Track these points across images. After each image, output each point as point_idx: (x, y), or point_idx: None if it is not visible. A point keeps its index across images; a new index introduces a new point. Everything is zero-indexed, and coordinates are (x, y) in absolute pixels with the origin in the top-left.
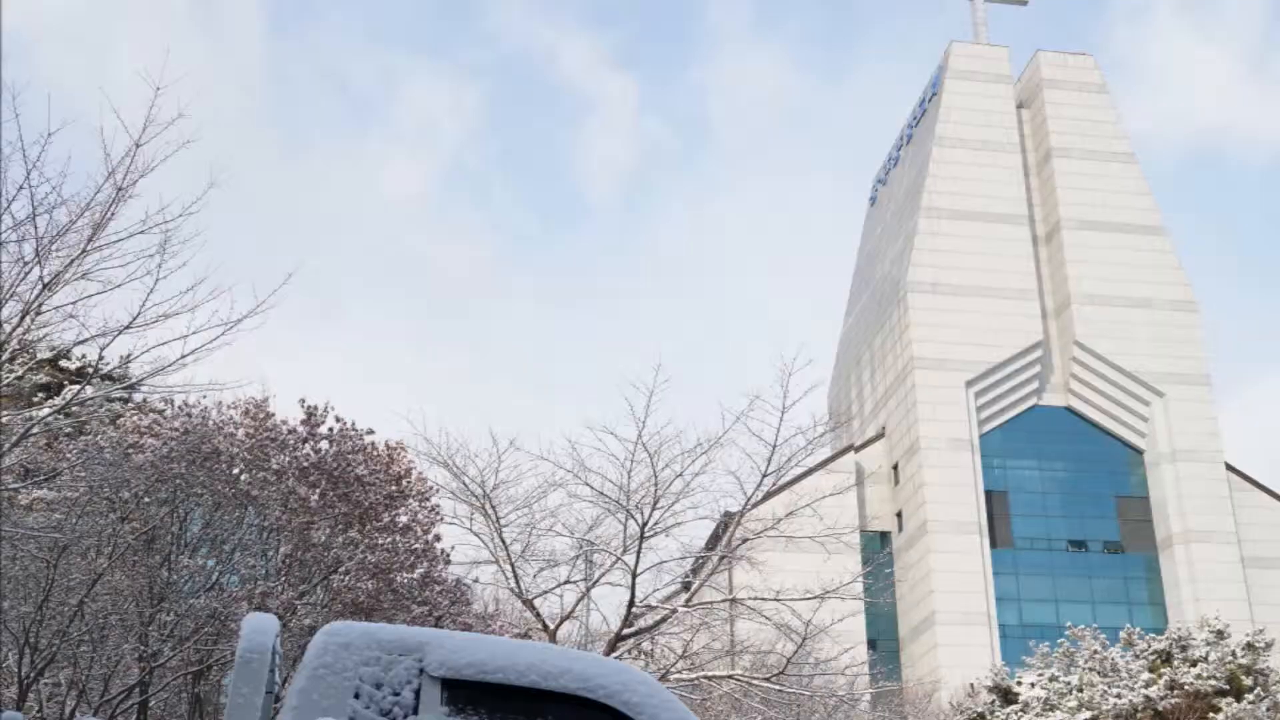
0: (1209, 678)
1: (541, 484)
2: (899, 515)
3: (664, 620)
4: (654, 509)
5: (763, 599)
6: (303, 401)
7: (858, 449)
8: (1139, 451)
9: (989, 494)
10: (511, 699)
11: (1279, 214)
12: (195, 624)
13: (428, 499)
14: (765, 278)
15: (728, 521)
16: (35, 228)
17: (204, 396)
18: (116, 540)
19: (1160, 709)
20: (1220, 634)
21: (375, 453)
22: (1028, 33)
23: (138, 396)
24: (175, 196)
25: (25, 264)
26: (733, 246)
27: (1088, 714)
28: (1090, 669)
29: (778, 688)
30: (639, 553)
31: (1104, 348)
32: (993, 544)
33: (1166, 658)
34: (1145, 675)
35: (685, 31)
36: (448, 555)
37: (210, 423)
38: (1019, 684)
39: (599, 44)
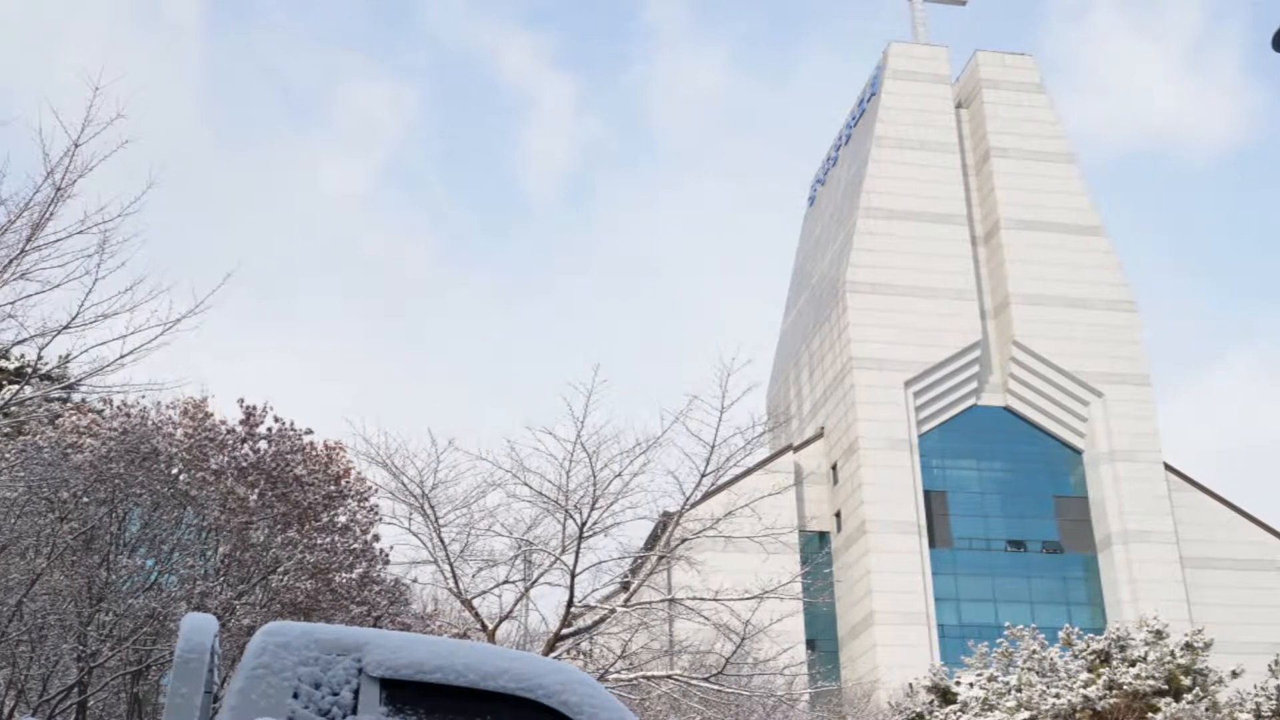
0: (1148, 678)
1: (480, 484)
2: (838, 515)
3: (603, 620)
4: (592, 509)
5: (701, 599)
6: (241, 401)
7: (796, 449)
8: (1078, 451)
9: (928, 494)
10: (450, 699)
11: (1218, 213)
12: (134, 624)
13: (366, 499)
14: (706, 277)
15: (666, 521)
16: None
17: (143, 396)
18: (55, 540)
19: (1099, 709)
20: (1159, 634)
21: (314, 453)
22: (967, 33)
23: (76, 396)
24: (114, 196)
25: None
26: (674, 246)
27: (1026, 714)
28: (1029, 669)
29: (716, 687)
30: (577, 553)
31: (1043, 348)
32: (931, 544)
33: (1105, 658)
34: (1084, 675)
35: (624, 31)
36: (386, 555)
37: (149, 423)
38: (958, 684)
39: (537, 43)
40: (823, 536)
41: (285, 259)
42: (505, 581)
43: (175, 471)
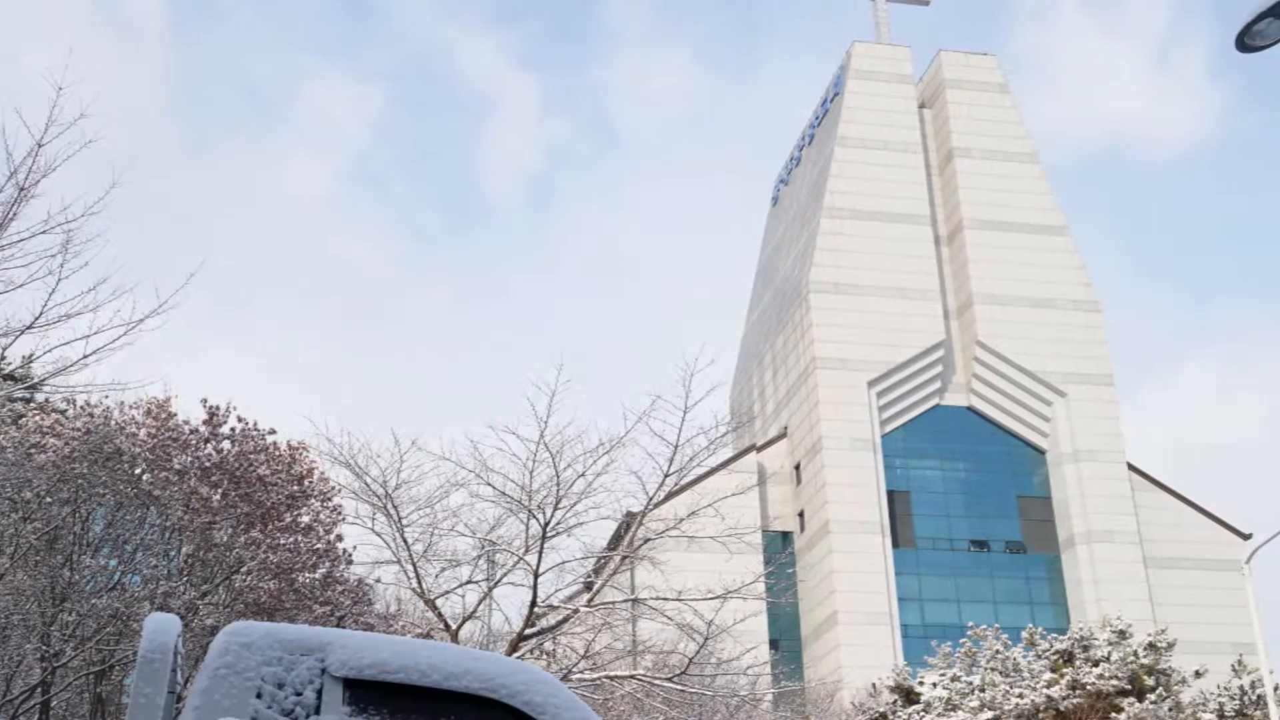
0: (1111, 678)
1: (443, 484)
2: (801, 515)
3: (566, 620)
4: (556, 509)
5: (665, 599)
6: (205, 401)
7: (760, 449)
8: (1041, 451)
9: (891, 494)
10: (414, 699)
11: (1181, 213)
12: (97, 624)
13: (330, 499)
14: (670, 277)
15: (630, 521)
16: None
17: (106, 396)
18: (18, 540)
19: (1062, 709)
20: (1122, 634)
21: (277, 453)
22: (930, 33)
23: (40, 396)
24: (78, 196)
25: None
26: (637, 246)
27: (990, 714)
28: (992, 669)
29: (680, 688)
30: (541, 553)
31: (1006, 347)
32: (895, 544)
33: (1069, 658)
34: (1047, 675)
35: (587, 32)
36: (350, 555)
37: (112, 423)
38: (921, 684)
39: (501, 44)
40: (786, 536)
41: (250, 259)
42: (468, 581)
43: (138, 471)
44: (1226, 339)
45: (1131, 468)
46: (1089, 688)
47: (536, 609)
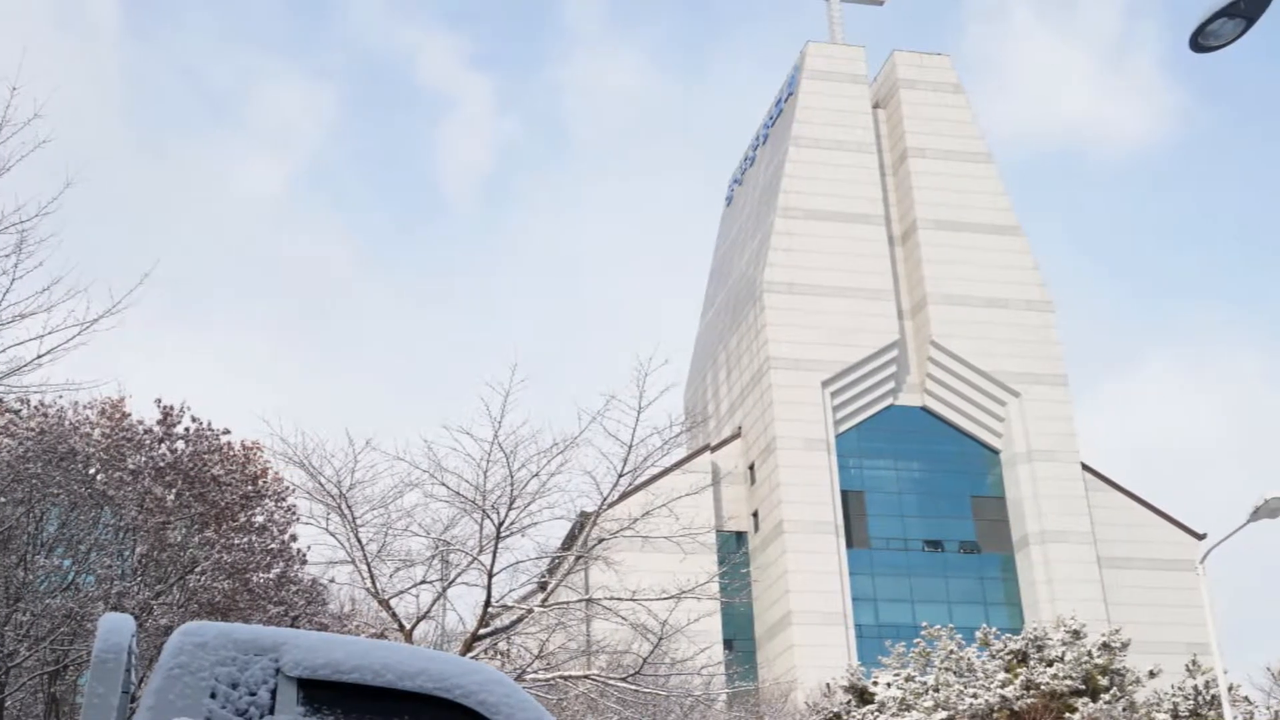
0: (1065, 678)
1: (398, 484)
2: (755, 515)
3: (520, 620)
4: (510, 509)
5: (619, 599)
6: (159, 401)
7: (714, 449)
8: (995, 451)
9: (845, 494)
10: (368, 699)
11: (1135, 213)
12: (51, 624)
13: (284, 499)
14: (625, 277)
15: (584, 521)
16: None
17: (60, 396)
18: None
19: (1016, 709)
20: (1076, 634)
21: (231, 453)
22: (884, 33)
23: None
24: (32, 196)
25: None
26: (593, 245)
27: (944, 714)
28: (946, 669)
29: (634, 687)
30: (495, 553)
31: (960, 348)
32: (849, 544)
33: (1023, 658)
34: (1001, 675)
35: (541, 32)
36: (304, 555)
37: (66, 423)
38: (875, 684)
39: (455, 44)
40: (740, 536)
41: (205, 260)
42: (422, 581)
43: (92, 471)
44: (1182, 339)
45: (1086, 468)
46: (1043, 688)
47: (491, 609)
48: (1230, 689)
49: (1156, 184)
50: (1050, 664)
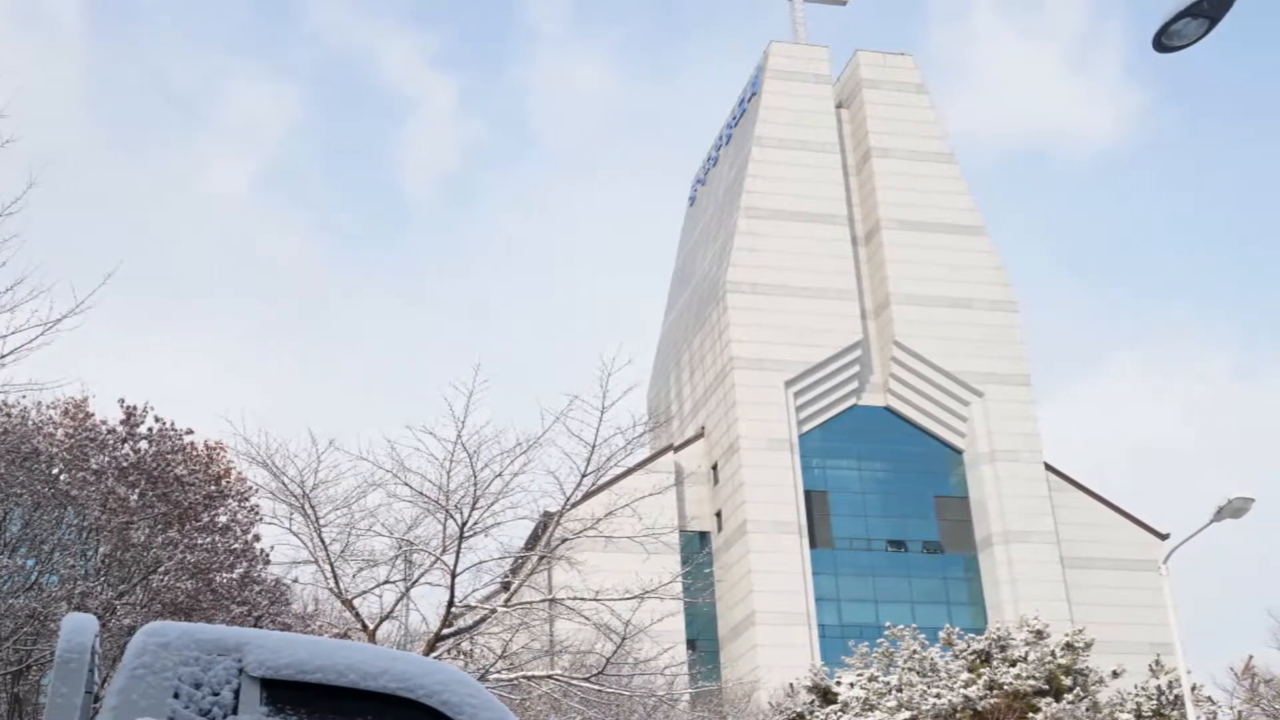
0: (1028, 678)
1: (361, 484)
2: (718, 515)
3: (483, 620)
4: (473, 509)
5: (582, 599)
6: (122, 401)
7: (677, 449)
8: (958, 451)
9: (808, 494)
10: (331, 699)
11: (1099, 213)
12: (14, 624)
13: (247, 499)
14: (589, 277)
15: (547, 521)
16: None
17: (23, 396)
18: None
19: (980, 709)
20: (1040, 634)
21: (194, 453)
22: (847, 33)
23: None
24: None
25: None
26: (557, 245)
27: (907, 714)
28: (910, 669)
29: (597, 688)
30: (458, 553)
31: (923, 348)
32: (812, 544)
33: (986, 658)
34: (965, 675)
35: (505, 32)
36: (267, 555)
37: (29, 422)
38: (838, 684)
39: (419, 44)
40: (703, 536)
41: (172, 259)
42: (386, 581)
43: (56, 471)
44: (1147, 339)
45: (1049, 468)
46: (1006, 688)
47: (454, 609)
48: (1193, 689)
49: (1121, 183)
50: (1014, 664)
